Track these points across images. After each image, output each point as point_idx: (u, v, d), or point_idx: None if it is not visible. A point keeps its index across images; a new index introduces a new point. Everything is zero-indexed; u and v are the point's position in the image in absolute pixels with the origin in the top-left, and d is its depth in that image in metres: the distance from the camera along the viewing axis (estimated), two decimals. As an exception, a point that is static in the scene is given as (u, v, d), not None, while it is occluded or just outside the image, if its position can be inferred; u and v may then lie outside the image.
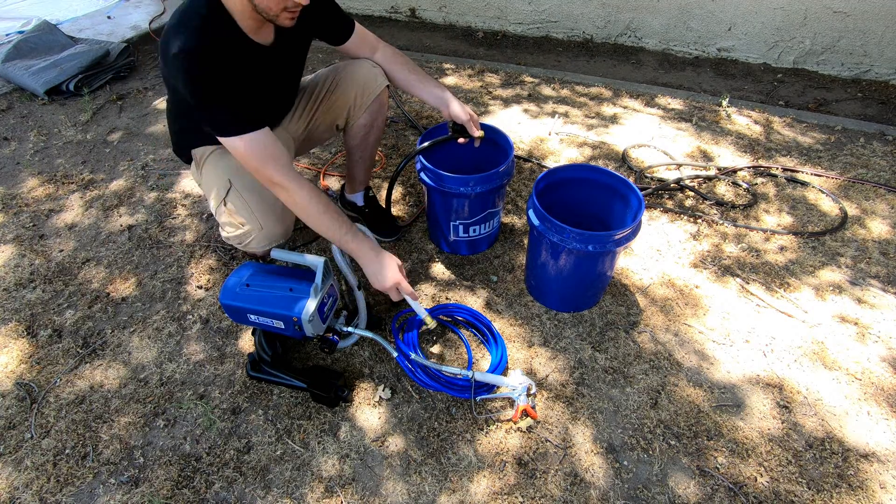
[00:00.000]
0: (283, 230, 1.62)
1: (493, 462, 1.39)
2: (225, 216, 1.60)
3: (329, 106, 1.79)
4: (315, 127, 1.84)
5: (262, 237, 1.58)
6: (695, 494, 1.33)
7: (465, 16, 3.88)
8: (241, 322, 1.49)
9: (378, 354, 1.64)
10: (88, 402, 1.54)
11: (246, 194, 1.56)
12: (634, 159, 2.45)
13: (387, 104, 1.83)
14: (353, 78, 1.74)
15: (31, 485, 1.36)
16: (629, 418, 1.48)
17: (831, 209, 2.16)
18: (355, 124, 1.80)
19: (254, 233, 1.57)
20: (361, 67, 1.73)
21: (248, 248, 1.64)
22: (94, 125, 2.73)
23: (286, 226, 1.62)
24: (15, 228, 2.12)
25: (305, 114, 1.81)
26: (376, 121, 1.81)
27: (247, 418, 1.50)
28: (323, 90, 1.78)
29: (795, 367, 1.61)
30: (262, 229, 1.56)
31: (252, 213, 1.55)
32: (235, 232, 1.60)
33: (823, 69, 3.17)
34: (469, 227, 1.85)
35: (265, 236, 1.58)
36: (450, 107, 1.68)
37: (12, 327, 1.74)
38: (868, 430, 1.45)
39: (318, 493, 1.34)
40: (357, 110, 1.77)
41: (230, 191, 1.57)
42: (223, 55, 1.31)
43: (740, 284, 1.85)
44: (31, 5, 4.00)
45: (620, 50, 3.55)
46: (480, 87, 3.03)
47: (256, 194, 1.55)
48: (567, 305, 1.76)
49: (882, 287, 1.84)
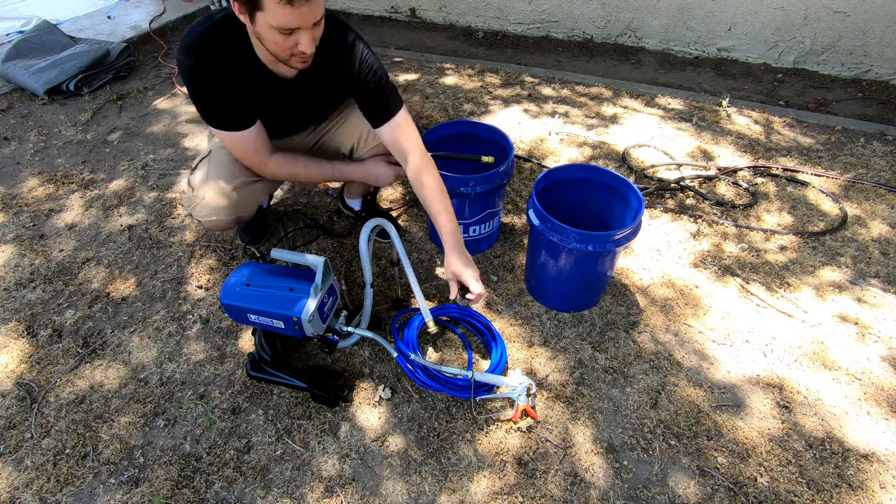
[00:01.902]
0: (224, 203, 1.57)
1: (493, 462, 1.39)
2: (187, 179, 1.66)
3: (333, 137, 1.76)
4: (320, 149, 1.80)
5: (203, 206, 1.57)
6: (695, 494, 1.33)
7: (466, 16, 3.88)
8: (242, 322, 1.49)
9: (378, 354, 1.64)
10: (88, 402, 1.54)
11: (213, 165, 1.59)
12: (634, 159, 2.45)
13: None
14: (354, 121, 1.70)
15: (31, 485, 1.36)
16: (629, 418, 1.48)
17: (831, 209, 2.16)
18: (360, 156, 1.76)
19: (197, 198, 1.58)
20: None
21: (195, 214, 1.62)
22: (94, 125, 2.73)
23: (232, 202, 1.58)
24: (15, 228, 2.12)
25: (312, 136, 1.78)
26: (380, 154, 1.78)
27: (247, 418, 1.50)
28: (331, 121, 1.75)
29: (795, 367, 1.61)
30: (205, 198, 1.57)
31: (206, 182, 1.57)
32: (188, 193, 1.63)
33: (823, 69, 3.17)
34: (469, 227, 1.85)
35: (205, 205, 1.57)
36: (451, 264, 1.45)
37: (12, 327, 1.74)
38: (868, 430, 1.45)
39: (318, 493, 1.34)
40: (362, 147, 1.73)
41: (205, 158, 1.62)
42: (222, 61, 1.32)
43: (740, 284, 1.85)
44: (31, 5, 4.01)
45: (620, 50, 3.55)
46: (480, 87, 3.03)
47: (219, 166, 1.57)
48: (567, 305, 1.76)
49: (882, 287, 1.84)
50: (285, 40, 1.19)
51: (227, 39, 1.31)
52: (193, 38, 1.29)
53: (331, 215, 2.17)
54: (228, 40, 1.31)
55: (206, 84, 1.34)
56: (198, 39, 1.29)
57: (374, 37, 3.85)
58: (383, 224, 1.50)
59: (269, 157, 1.54)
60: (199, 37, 1.29)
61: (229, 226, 1.65)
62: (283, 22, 1.15)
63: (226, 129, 1.43)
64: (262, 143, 1.50)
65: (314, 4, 1.15)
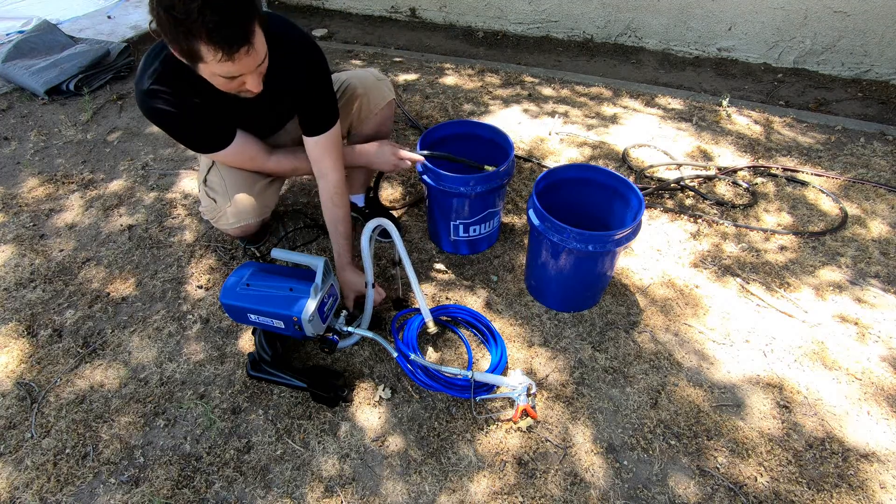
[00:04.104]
0: (253, 206, 1.61)
1: (493, 462, 1.39)
2: (204, 192, 1.67)
3: None
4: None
5: (231, 213, 1.62)
6: (695, 494, 1.33)
7: (466, 15, 3.88)
8: (242, 322, 1.49)
9: (378, 354, 1.64)
10: (88, 402, 1.54)
11: (224, 171, 1.61)
12: (634, 159, 2.45)
13: (392, 116, 1.81)
14: (356, 90, 1.71)
15: (31, 484, 1.36)
16: (629, 418, 1.48)
17: (831, 209, 2.16)
18: (359, 135, 1.79)
19: (223, 207, 1.62)
20: (366, 80, 1.71)
21: (220, 225, 1.68)
22: (94, 125, 2.73)
23: (259, 203, 1.63)
24: (15, 228, 2.12)
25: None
26: (380, 132, 1.80)
27: (247, 418, 1.50)
28: None
29: (795, 367, 1.61)
30: (234, 205, 1.60)
31: (225, 190, 1.61)
32: (210, 206, 1.65)
33: (824, 69, 3.17)
34: (469, 227, 1.85)
35: (234, 212, 1.62)
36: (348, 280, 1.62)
37: (12, 327, 1.74)
38: (868, 430, 1.45)
39: (318, 493, 1.34)
40: (360, 122, 1.75)
41: (211, 168, 1.63)
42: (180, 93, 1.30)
43: (740, 284, 1.85)
44: (31, 5, 4.00)
45: (620, 50, 3.54)
46: (480, 87, 3.03)
47: (233, 172, 1.60)
48: (567, 305, 1.76)
49: (882, 287, 1.84)
50: (230, 83, 1.19)
51: (178, 70, 1.27)
52: (147, 82, 1.28)
53: (331, 215, 2.17)
54: (179, 71, 1.27)
55: (175, 117, 1.34)
56: (152, 81, 1.28)
57: (374, 37, 3.85)
58: (385, 224, 1.50)
59: (268, 158, 1.56)
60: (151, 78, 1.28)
61: (256, 229, 1.73)
62: (226, 72, 1.14)
63: (212, 150, 1.46)
64: (254, 149, 1.52)
65: (254, 52, 1.13)
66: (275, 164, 1.58)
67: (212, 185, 1.64)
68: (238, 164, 1.57)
